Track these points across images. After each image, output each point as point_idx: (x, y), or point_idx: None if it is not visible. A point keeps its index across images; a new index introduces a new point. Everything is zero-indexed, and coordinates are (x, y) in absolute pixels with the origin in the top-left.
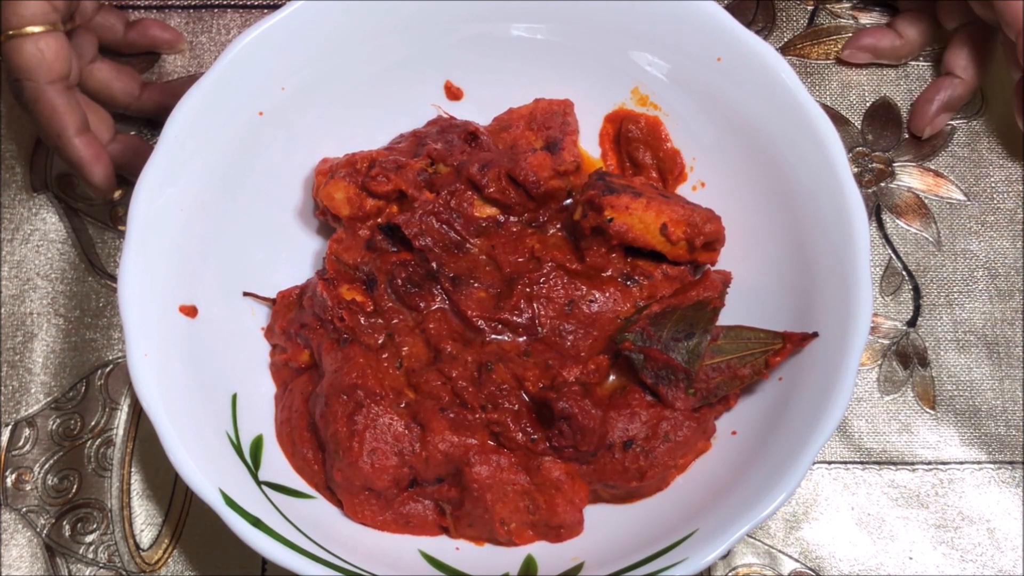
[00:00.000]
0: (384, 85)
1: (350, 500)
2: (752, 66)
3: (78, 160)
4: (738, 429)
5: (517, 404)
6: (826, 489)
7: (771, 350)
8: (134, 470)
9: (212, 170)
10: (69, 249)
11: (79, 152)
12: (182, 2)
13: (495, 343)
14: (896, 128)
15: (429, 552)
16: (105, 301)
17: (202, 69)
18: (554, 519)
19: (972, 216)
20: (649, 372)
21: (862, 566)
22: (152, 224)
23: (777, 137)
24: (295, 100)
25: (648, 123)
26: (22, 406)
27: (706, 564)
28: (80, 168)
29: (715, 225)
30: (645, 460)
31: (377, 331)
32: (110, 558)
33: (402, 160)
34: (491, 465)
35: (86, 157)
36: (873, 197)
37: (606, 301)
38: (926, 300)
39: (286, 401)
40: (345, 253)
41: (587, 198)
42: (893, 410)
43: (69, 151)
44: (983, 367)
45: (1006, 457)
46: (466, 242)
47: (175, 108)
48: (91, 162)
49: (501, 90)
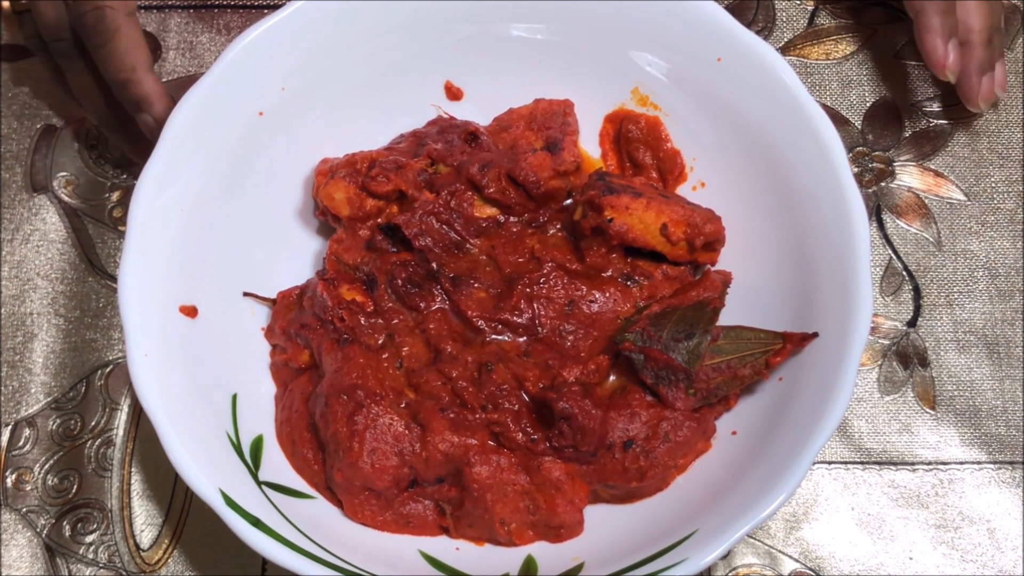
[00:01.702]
0: (384, 85)
1: (350, 500)
2: (752, 66)
3: (148, 95)
4: (738, 429)
5: (517, 404)
6: (826, 489)
7: (771, 350)
8: (134, 470)
9: (212, 170)
10: (69, 249)
11: (151, 87)
12: (182, 2)
13: (495, 343)
14: (896, 128)
15: (429, 552)
16: (105, 301)
17: (202, 69)
18: (554, 519)
19: (972, 216)
20: (649, 372)
21: (862, 566)
22: (152, 224)
23: (777, 137)
24: (295, 100)
25: (648, 123)
26: (22, 406)
27: (706, 564)
28: (148, 103)
29: (715, 225)
30: (645, 460)
31: (377, 331)
32: (110, 558)
33: (402, 160)
34: (491, 465)
35: (156, 92)
36: (873, 197)
37: (606, 301)
38: (926, 300)
39: (286, 401)
40: (345, 253)
41: (587, 198)
42: (893, 410)
43: (142, 86)
44: (983, 367)
45: (1006, 457)
46: (466, 242)
47: (175, 108)
48: (160, 96)
49: (501, 90)
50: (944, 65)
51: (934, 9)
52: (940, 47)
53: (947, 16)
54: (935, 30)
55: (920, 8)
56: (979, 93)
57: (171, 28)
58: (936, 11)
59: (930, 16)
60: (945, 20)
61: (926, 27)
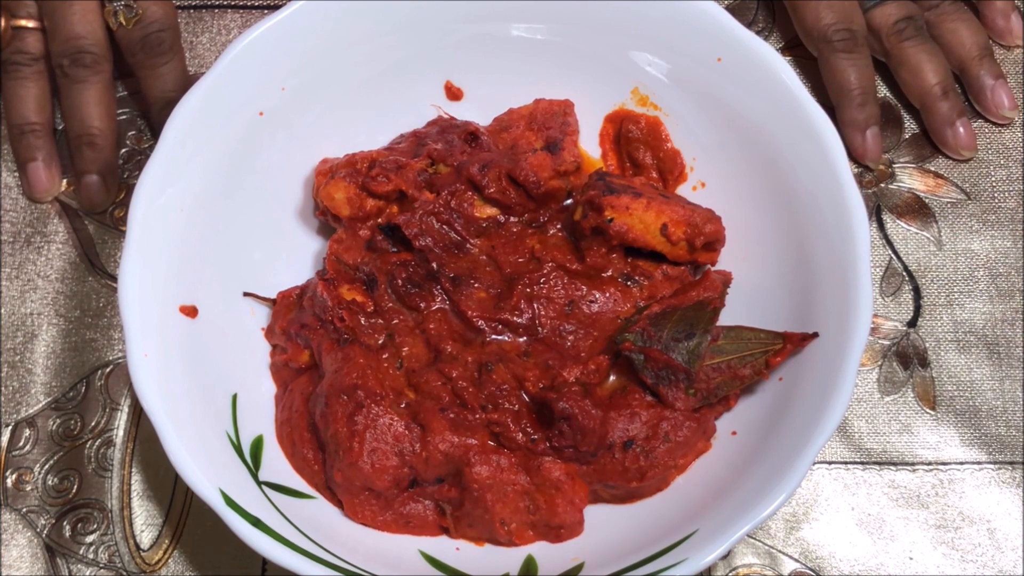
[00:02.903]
0: (384, 85)
1: (350, 500)
2: (752, 66)
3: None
4: (738, 429)
5: (517, 404)
6: (826, 489)
7: (771, 350)
8: (134, 470)
9: (212, 170)
10: (69, 249)
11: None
12: (182, 2)
13: (495, 343)
14: (896, 128)
15: (429, 552)
16: (105, 301)
17: (202, 69)
18: (554, 519)
19: (973, 216)
20: (649, 372)
21: (862, 566)
22: (152, 224)
23: (777, 137)
24: (295, 100)
25: (648, 123)
26: (22, 406)
27: (706, 564)
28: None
29: (715, 225)
30: (645, 460)
31: (377, 331)
32: (110, 558)
33: (402, 160)
34: (491, 465)
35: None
36: (873, 197)
37: (606, 301)
38: (926, 300)
39: (286, 401)
40: (345, 253)
41: (587, 198)
42: (893, 410)
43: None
44: (983, 367)
45: (1006, 457)
46: (466, 242)
47: (175, 108)
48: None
49: (501, 90)
50: (864, 155)
51: (850, 103)
52: (857, 140)
53: (864, 108)
54: (853, 124)
55: (838, 102)
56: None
57: None
58: (852, 104)
59: (848, 110)
60: (861, 112)
61: (845, 121)
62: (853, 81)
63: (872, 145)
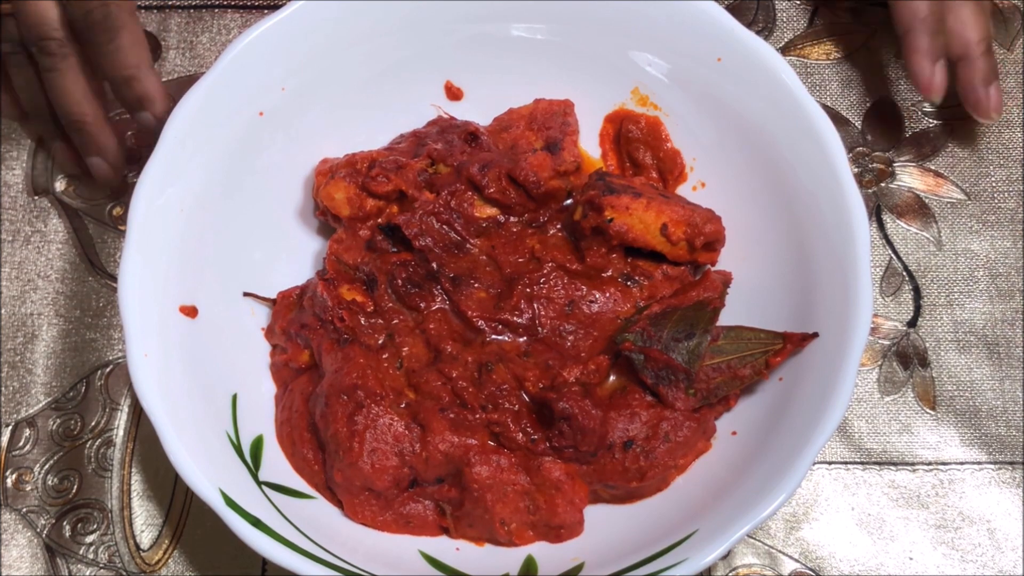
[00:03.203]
0: (384, 85)
1: (350, 500)
2: (752, 66)
3: (150, 93)
4: (738, 429)
5: (517, 404)
6: (826, 489)
7: (771, 350)
8: (134, 470)
9: (212, 170)
10: (69, 249)
11: (153, 85)
12: (182, 2)
13: (495, 343)
14: (896, 128)
15: (429, 552)
16: (105, 301)
17: (202, 69)
18: (554, 519)
19: (973, 216)
20: (649, 372)
21: (862, 566)
22: (152, 224)
23: (777, 137)
24: (295, 100)
25: (648, 123)
26: (22, 406)
27: (706, 564)
28: (150, 101)
29: (715, 225)
30: (645, 460)
31: (377, 331)
32: (110, 558)
33: (402, 160)
34: (491, 465)
35: (158, 90)
36: (873, 197)
37: (606, 301)
38: (926, 300)
39: (286, 401)
40: (345, 253)
41: (587, 198)
42: (893, 410)
43: (144, 84)
44: (983, 367)
45: (1006, 457)
46: (466, 242)
47: (175, 108)
48: (161, 95)
49: (501, 90)
50: (931, 87)
51: (923, 29)
52: (927, 68)
53: (936, 37)
54: (923, 51)
55: (908, 27)
56: (989, 104)
57: (171, 28)
58: (925, 31)
59: (919, 36)
60: (934, 41)
61: (914, 47)
62: (925, 8)
63: (939, 78)
